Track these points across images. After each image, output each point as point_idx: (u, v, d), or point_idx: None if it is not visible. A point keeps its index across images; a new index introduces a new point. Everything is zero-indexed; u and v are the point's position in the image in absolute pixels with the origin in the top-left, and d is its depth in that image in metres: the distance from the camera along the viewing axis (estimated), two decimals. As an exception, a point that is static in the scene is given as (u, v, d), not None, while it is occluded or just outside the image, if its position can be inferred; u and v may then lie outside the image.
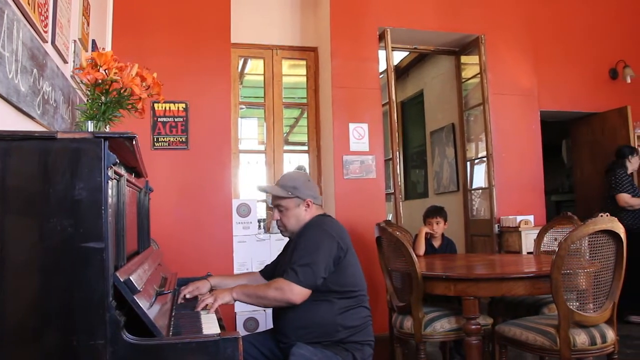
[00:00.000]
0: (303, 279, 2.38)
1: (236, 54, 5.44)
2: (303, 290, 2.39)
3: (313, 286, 2.41)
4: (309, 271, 2.39)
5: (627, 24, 6.73)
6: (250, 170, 5.83)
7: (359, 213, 5.09)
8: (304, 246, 2.49)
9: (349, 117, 5.23)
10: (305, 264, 2.40)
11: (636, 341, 4.67)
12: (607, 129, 6.38)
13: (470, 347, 2.97)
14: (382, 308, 4.65)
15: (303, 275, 2.39)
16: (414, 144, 8.47)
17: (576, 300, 2.80)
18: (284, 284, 2.39)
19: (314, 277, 2.39)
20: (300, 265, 2.41)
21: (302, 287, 2.38)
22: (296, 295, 2.38)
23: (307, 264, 2.40)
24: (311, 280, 2.39)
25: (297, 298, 2.38)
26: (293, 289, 2.38)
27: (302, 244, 2.51)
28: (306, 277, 2.39)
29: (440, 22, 5.72)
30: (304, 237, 2.54)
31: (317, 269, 2.40)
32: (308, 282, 2.39)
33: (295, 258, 2.46)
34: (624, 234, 2.78)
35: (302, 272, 2.39)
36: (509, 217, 5.53)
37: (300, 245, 2.51)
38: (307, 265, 2.40)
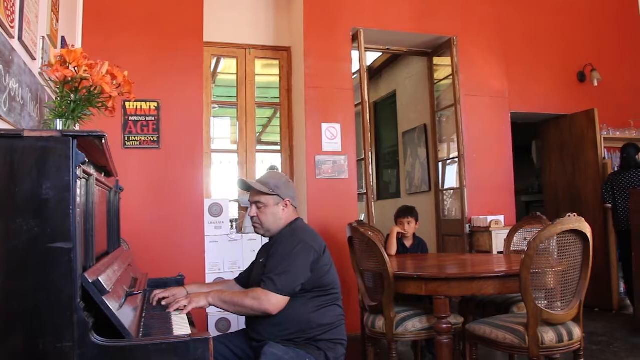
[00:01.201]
0: (281, 287, 2.38)
1: (209, 53, 5.40)
2: (280, 299, 2.39)
3: (291, 294, 2.41)
4: (286, 279, 2.39)
5: (594, 29, 6.87)
6: (223, 170, 5.81)
7: (331, 213, 5.10)
8: (280, 255, 2.49)
9: (321, 117, 5.23)
10: (282, 272, 2.40)
11: (601, 337, 4.78)
12: (575, 131, 6.49)
13: (441, 345, 2.99)
14: (354, 308, 4.67)
15: (281, 283, 2.38)
16: (386, 144, 8.51)
17: (544, 298, 2.84)
18: (262, 294, 2.39)
19: (291, 285, 2.40)
20: (277, 274, 2.41)
21: (279, 296, 2.38)
22: (273, 305, 2.38)
23: (284, 272, 2.40)
24: (289, 288, 2.40)
25: (274, 308, 2.38)
26: (270, 298, 2.37)
27: (278, 252, 2.51)
28: (284, 286, 2.39)
29: (413, 23, 5.76)
30: (279, 246, 2.54)
31: (293, 277, 2.41)
32: (286, 291, 2.39)
33: (272, 267, 2.45)
34: (591, 233, 2.83)
35: (280, 281, 2.39)
36: (480, 217, 5.59)
37: (277, 254, 2.51)
38: (284, 273, 2.40)
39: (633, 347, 4.46)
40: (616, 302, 5.96)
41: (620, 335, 4.85)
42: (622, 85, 6.85)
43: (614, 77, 6.76)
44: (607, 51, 6.87)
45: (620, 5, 7.13)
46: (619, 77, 6.85)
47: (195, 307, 2.34)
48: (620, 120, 6.59)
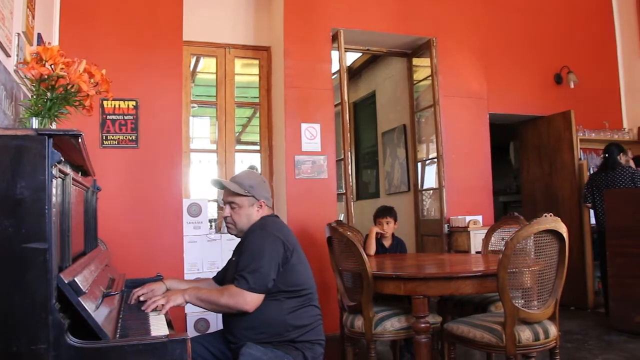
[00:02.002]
0: (254, 285, 2.37)
1: (188, 52, 5.37)
2: (255, 296, 2.37)
3: (265, 290, 2.40)
4: (259, 276, 2.38)
5: (571, 32, 6.97)
6: (202, 169, 5.77)
7: (311, 213, 5.10)
8: (250, 251, 2.46)
9: (301, 117, 5.23)
10: (254, 269, 2.39)
11: (576, 335, 4.84)
12: (552, 132, 6.57)
13: (420, 345, 3.01)
14: (333, 308, 4.67)
15: (254, 281, 2.37)
16: (365, 144, 8.53)
17: (521, 298, 2.87)
18: (237, 292, 2.37)
19: (264, 281, 2.38)
20: (249, 271, 2.39)
21: (253, 294, 2.37)
22: (248, 304, 2.37)
23: (255, 269, 2.38)
24: (262, 284, 2.38)
25: (249, 306, 2.37)
26: (245, 297, 2.36)
27: (248, 249, 2.48)
28: (257, 283, 2.37)
29: (393, 24, 5.78)
30: (249, 242, 2.52)
31: (265, 273, 2.39)
32: (259, 288, 2.38)
33: (243, 264, 2.43)
34: (567, 233, 2.87)
35: (252, 278, 2.37)
36: (458, 217, 5.63)
37: (247, 250, 2.49)
38: (256, 270, 2.38)
39: (607, 345, 4.53)
40: (591, 301, 6.06)
41: (595, 333, 4.93)
42: (597, 87, 6.97)
43: (589, 80, 6.86)
44: (583, 54, 6.97)
45: (596, 9, 7.25)
46: (594, 79, 6.96)
47: (173, 305, 2.31)
48: (595, 122, 6.70)
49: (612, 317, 5.09)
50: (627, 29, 7.19)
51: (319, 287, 2.70)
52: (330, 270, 3.85)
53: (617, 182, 5.49)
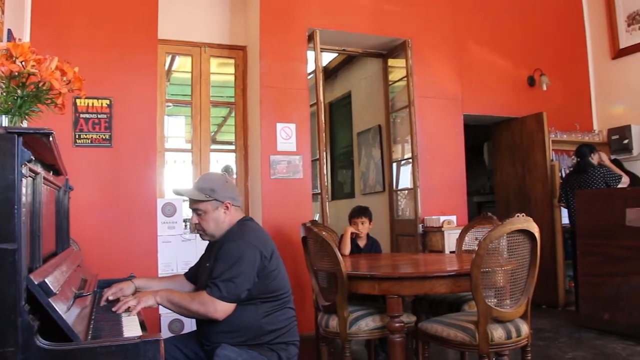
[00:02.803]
0: (227, 295, 2.35)
1: (163, 51, 5.32)
2: (226, 306, 2.36)
3: (237, 300, 2.38)
4: (232, 286, 2.35)
5: (544, 35, 7.08)
6: (177, 169, 5.73)
7: (286, 213, 5.09)
8: (226, 259, 2.43)
9: (276, 117, 5.22)
10: (227, 278, 2.36)
11: (547, 333, 4.92)
12: (525, 133, 6.66)
13: (394, 344, 3.02)
14: (308, 308, 4.68)
15: (226, 290, 2.35)
16: (341, 144, 8.54)
17: (494, 297, 2.90)
18: (208, 300, 2.35)
19: (237, 292, 2.36)
20: (222, 280, 2.36)
21: (225, 303, 2.35)
22: (219, 312, 2.35)
23: (229, 279, 2.36)
24: (234, 295, 2.36)
25: (219, 315, 2.36)
26: (216, 305, 2.34)
27: (224, 256, 2.45)
28: (229, 292, 2.35)
29: (369, 25, 5.80)
30: (226, 250, 2.48)
31: (239, 283, 2.37)
32: (231, 298, 2.36)
33: (218, 272, 2.40)
34: (538, 233, 2.91)
35: (225, 288, 2.35)
36: (433, 218, 5.67)
37: (223, 257, 2.46)
38: (229, 280, 2.36)
39: (577, 342, 4.60)
40: (562, 299, 6.15)
41: (565, 331, 5.00)
42: (569, 90, 7.09)
43: (561, 82, 6.98)
44: (555, 57, 7.08)
45: (567, 13, 7.37)
46: (566, 82, 7.08)
47: (144, 306, 2.29)
48: (567, 124, 6.81)
49: (582, 315, 5.18)
50: (597, 33, 7.32)
51: (294, 287, 2.70)
52: (305, 270, 3.86)
53: (590, 183, 5.58)
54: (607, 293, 4.85)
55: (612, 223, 4.75)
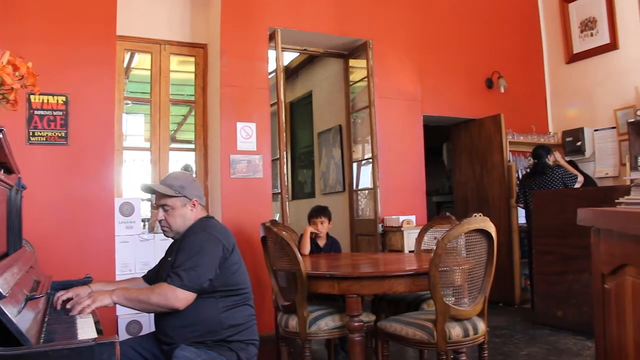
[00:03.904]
0: (188, 283, 2.34)
1: (122, 47, 5.21)
2: (187, 294, 2.35)
3: (198, 290, 2.37)
4: (194, 274, 2.35)
5: (502, 39, 7.21)
6: (135, 168, 5.64)
7: (246, 213, 5.06)
8: (188, 250, 2.44)
9: (237, 116, 5.18)
10: (189, 267, 2.36)
11: (504, 331, 5.01)
12: (483, 135, 6.78)
13: (354, 343, 3.03)
14: (268, 308, 4.66)
15: (188, 279, 2.34)
16: (301, 144, 8.55)
17: (452, 295, 2.93)
18: (168, 290, 2.34)
19: (198, 281, 2.36)
20: (184, 269, 2.36)
21: (186, 292, 2.34)
22: (180, 301, 2.33)
23: (191, 268, 2.36)
24: (196, 284, 2.35)
25: (180, 304, 2.34)
26: (177, 294, 2.33)
27: (186, 247, 2.46)
28: (191, 281, 2.34)
29: (330, 25, 5.81)
30: (188, 241, 2.50)
31: (202, 272, 2.37)
32: (193, 286, 2.35)
33: (179, 262, 2.40)
34: (495, 233, 2.96)
35: (187, 276, 2.34)
36: (392, 217, 5.72)
37: (184, 249, 2.46)
38: (191, 268, 2.36)
39: (532, 338, 4.71)
40: (518, 297, 6.27)
41: (521, 328, 5.11)
42: (525, 92, 7.24)
43: (518, 85, 7.12)
44: (513, 60, 7.22)
45: (524, 18, 7.53)
46: (523, 84, 7.22)
47: (99, 305, 2.24)
48: (523, 125, 6.96)
49: (537, 312, 5.30)
50: (552, 39, 7.50)
51: (254, 287, 2.69)
52: (265, 270, 3.84)
53: (548, 184, 5.74)
54: (560, 291, 4.97)
55: (565, 223, 4.86)
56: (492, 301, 3.56)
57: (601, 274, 1.63)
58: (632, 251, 1.36)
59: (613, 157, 6.64)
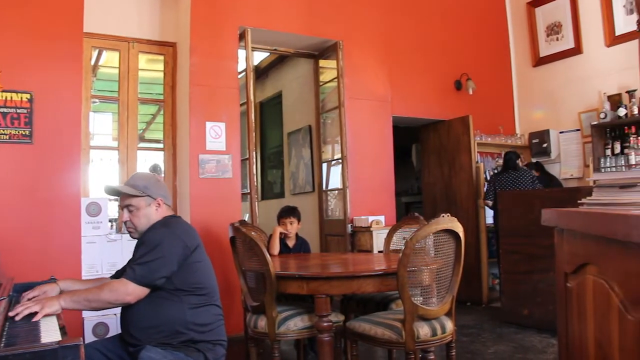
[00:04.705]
0: (140, 277, 2.33)
1: (89, 44, 5.12)
2: (138, 288, 2.33)
3: (150, 285, 2.36)
4: (147, 269, 2.34)
5: (471, 41, 7.30)
6: (103, 167, 5.55)
7: (215, 213, 5.03)
8: (146, 245, 2.43)
9: (206, 116, 5.14)
10: (144, 262, 2.36)
11: (471, 329, 5.07)
12: (452, 136, 6.85)
13: (323, 343, 3.03)
14: (237, 308, 4.64)
15: (140, 273, 2.33)
16: (271, 144, 8.53)
17: (420, 295, 2.96)
18: (119, 285, 2.33)
19: (151, 276, 2.35)
20: (139, 263, 2.36)
21: (136, 285, 2.33)
22: (130, 295, 2.32)
23: (145, 262, 2.35)
24: (148, 278, 2.34)
25: (131, 298, 2.33)
26: (128, 288, 2.32)
27: (145, 243, 2.45)
28: (143, 275, 2.34)
29: (301, 25, 5.80)
30: (148, 236, 2.49)
31: (156, 268, 2.35)
32: (144, 281, 2.34)
33: (136, 256, 2.41)
34: (463, 233, 2.99)
35: (140, 270, 2.34)
36: (362, 218, 5.74)
37: (143, 243, 2.45)
38: (145, 263, 2.35)
39: (499, 337, 4.78)
40: (486, 296, 6.36)
41: (488, 327, 5.18)
42: (493, 94, 7.35)
43: (486, 87, 7.21)
44: (481, 62, 7.32)
45: (493, 21, 7.65)
46: (491, 87, 7.33)
47: (48, 312, 2.14)
48: (491, 127, 7.06)
49: (504, 310, 5.38)
50: (520, 42, 7.63)
51: (223, 288, 2.67)
52: (234, 270, 3.81)
53: (520, 181, 5.88)
54: (527, 290, 5.05)
55: (531, 223, 4.93)
56: (460, 300, 3.60)
57: (564, 273, 1.67)
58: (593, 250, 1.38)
59: (577, 159, 6.79)
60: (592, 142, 6.32)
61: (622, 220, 1.10)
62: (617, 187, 1.50)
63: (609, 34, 6.42)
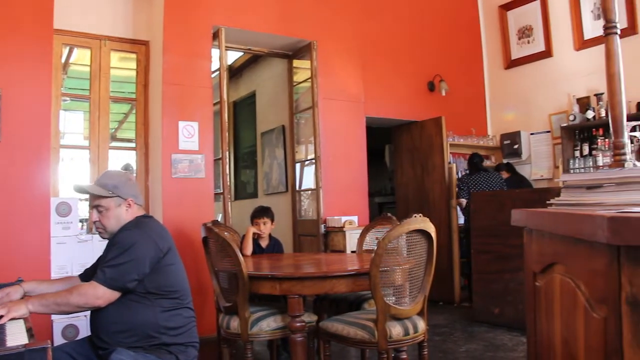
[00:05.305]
0: (110, 280, 2.28)
1: (60, 41, 5.03)
2: (108, 291, 2.29)
3: (122, 288, 2.31)
4: (118, 272, 2.30)
5: (444, 44, 7.38)
6: (73, 167, 5.47)
7: (187, 213, 4.99)
8: (117, 247, 2.38)
9: (179, 115, 5.10)
10: (115, 264, 2.31)
11: (443, 329, 5.12)
12: (425, 137, 6.90)
13: (295, 344, 3.03)
14: (210, 309, 4.61)
15: (111, 276, 2.29)
16: (245, 144, 8.50)
17: (393, 295, 2.98)
18: (89, 288, 2.28)
19: (122, 279, 2.30)
20: (109, 265, 2.31)
21: (107, 289, 2.28)
22: (100, 299, 2.28)
23: (117, 265, 2.31)
24: (119, 282, 2.30)
25: (101, 302, 2.28)
26: (97, 291, 2.27)
27: (117, 244, 2.40)
28: (114, 279, 2.29)
29: (275, 25, 5.79)
30: (119, 238, 2.43)
31: (127, 270, 2.31)
32: (115, 284, 2.29)
33: (107, 258, 2.36)
34: (435, 233, 3.02)
35: (110, 273, 2.29)
36: (335, 218, 5.75)
37: (115, 246, 2.40)
38: (116, 266, 2.30)
39: (470, 336, 4.84)
40: (457, 296, 6.42)
41: (460, 326, 5.24)
42: (466, 96, 7.43)
43: (459, 89, 7.30)
44: (454, 64, 7.40)
45: (466, 24, 7.74)
46: (464, 88, 7.41)
47: (14, 316, 2.10)
48: (463, 128, 7.13)
49: (475, 309, 5.44)
50: (492, 44, 7.73)
51: (195, 289, 2.65)
52: (207, 271, 3.79)
53: (492, 182, 5.98)
54: (498, 289, 5.12)
55: (502, 223, 4.99)
56: (432, 300, 3.64)
57: (533, 272, 1.69)
58: (560, 250, 1.41)
59: (547, 160, 6.90)
60: (562, 144, 6.44)
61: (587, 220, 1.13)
62: (584, 187, 1.52)
63: (578, 38, 6.55)
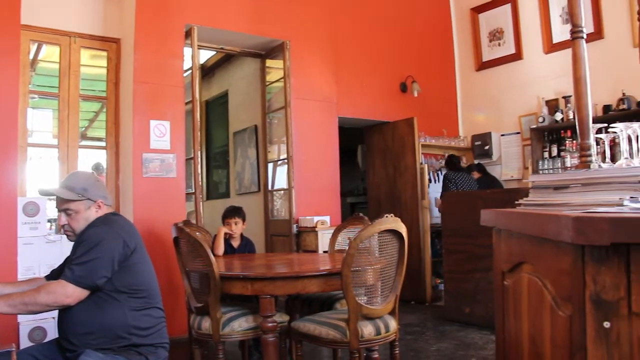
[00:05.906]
0: (79, 278, 2.25)
1: (28, 38, 4.93)
2: (77, 290, 2.25)
3: (91, 286, 2.28)
4: (86, 270, 2.26)
5: (416, 44, 7.44)
6: (42, 166, 5.38)
7: (158, 213, 4.93)
8: (85, 244, 2.34)
9: (150, 114, 5.04)
10: (83, 262, 2.27)
11: (415, 328, 5.16)
12: (397, 137, 6.95)
13: (267, 344, 3.03)
14: (181, 310, 4.57)
15: (80, 274, 2.26)
16: (217, 143, 8.46)
17: (364, 294, 2.99)
18: (57, 287, 2.24)
19: (91, 276, 2.27)
20: (77, 263, 2.27)
21: (76, 287, 2.25)
22: (69, 297, 2.24)
23: (85, 262, 2.27)
24: (88, 279, 2.27)
25: (70, 300, 2.25)
26: (67, 290, 2.24)
27: (84, 242, 2.36)
28: (82, 276, 2.26)
29: (247, 24, 5.77)
30: (88, 235, 2.40)
31: (95, 267, 2.28)
32: (84, 282, 2.26)
33: (75, 256, 2.33)
34: (406, 233, 3.04)
35: (79, 271, 2.26)
36: (307, 218, 5.75)
37: (83, 243, 2.36)
38: (85, 263, 2.27)
39: (441, 334, 4.89)
40: (429, 295, 6.47)
41: (431, 325, 5.28)
42: (438, 97, 7.50)
43: (431, 90, 7.36)
44: (426, 66, 7.46)
45: (438, 26, 7.82)
46: (435, 90, 7.48)
47: None
48: (435, 129, 7.20)
49: (446, 309, 5.49)
50: (464, 46, 7.81)
51: (166, 289, 2.63)
52: (178, 271, 3.75)
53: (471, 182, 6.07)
54: (468, 288, 5.18)
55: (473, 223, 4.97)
56: (404, 300, 3.66)
57: (501, 272, 1.71)
58: (528, 249, 1.43)
59: (517, 161, 7.01)
60: (531, 145, 6.55)
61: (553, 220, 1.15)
62: (552, 188, 1.55)
63: (547, 41, 6.66)
